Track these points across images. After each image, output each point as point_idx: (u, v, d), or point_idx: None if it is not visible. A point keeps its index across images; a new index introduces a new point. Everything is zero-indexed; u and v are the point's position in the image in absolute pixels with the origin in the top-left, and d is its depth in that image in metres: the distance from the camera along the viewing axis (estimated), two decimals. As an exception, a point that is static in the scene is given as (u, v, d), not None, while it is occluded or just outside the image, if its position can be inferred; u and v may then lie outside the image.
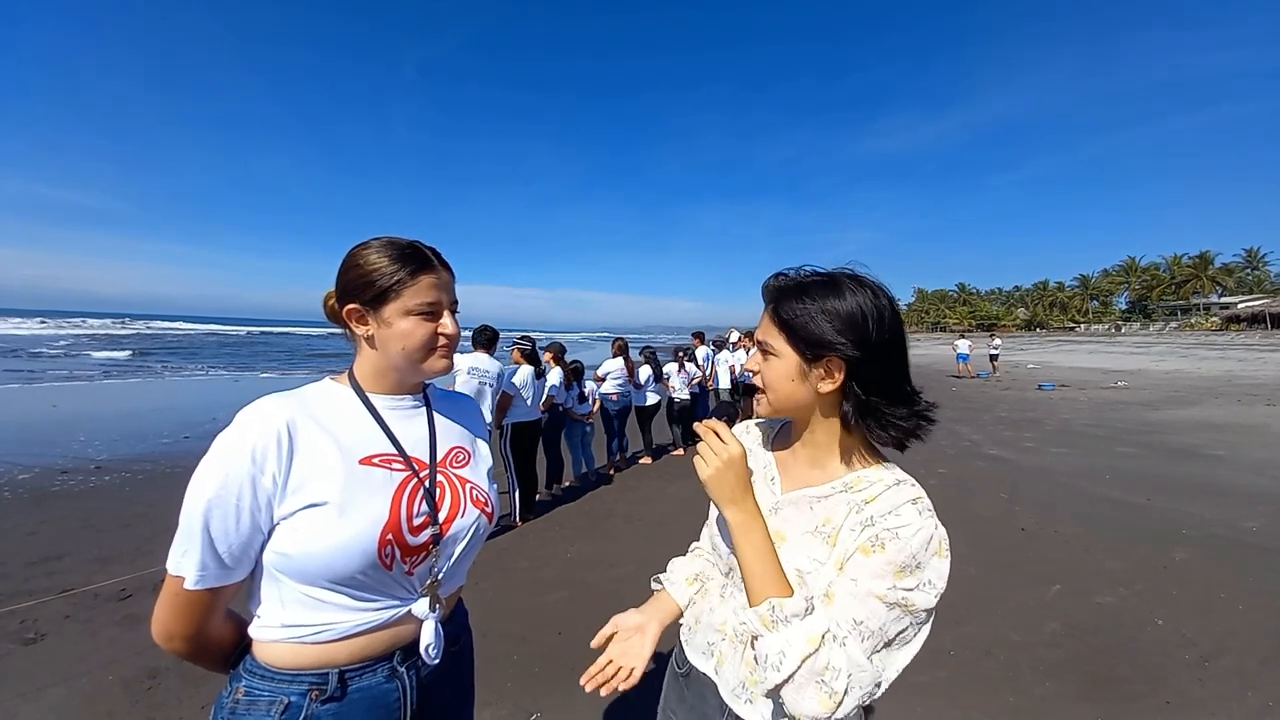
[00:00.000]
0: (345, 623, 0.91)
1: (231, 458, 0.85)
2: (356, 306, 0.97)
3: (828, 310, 0.87)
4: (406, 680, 0.98)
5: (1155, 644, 2.95)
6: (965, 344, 20.16)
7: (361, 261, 0.96)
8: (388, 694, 0.96)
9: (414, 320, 0.96)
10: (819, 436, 0.96)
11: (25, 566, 3.88)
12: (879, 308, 0.87)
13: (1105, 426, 9.45)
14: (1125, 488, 5.78)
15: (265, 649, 0.92)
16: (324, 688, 0.90)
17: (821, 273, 0.93)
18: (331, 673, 0.91)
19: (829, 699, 0.77)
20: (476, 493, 1.08)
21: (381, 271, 0.95)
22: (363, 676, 0.94)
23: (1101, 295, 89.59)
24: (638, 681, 1.05)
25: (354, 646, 0.93)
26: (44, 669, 2.74)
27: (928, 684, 2.63)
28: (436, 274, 0.99)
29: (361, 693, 0.93)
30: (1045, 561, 3.98)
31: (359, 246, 0.98)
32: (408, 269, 0.95)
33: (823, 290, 0.89)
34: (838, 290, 0.88)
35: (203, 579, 0.86)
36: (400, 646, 0.98)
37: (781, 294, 0.93)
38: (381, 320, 0.96)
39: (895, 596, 0.80)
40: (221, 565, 0.87)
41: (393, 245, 0.97)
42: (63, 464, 6.47)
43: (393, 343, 0.97)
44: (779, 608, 0.82)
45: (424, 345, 0.98)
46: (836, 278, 0.91)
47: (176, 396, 13.19)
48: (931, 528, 0.83)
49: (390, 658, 0.97)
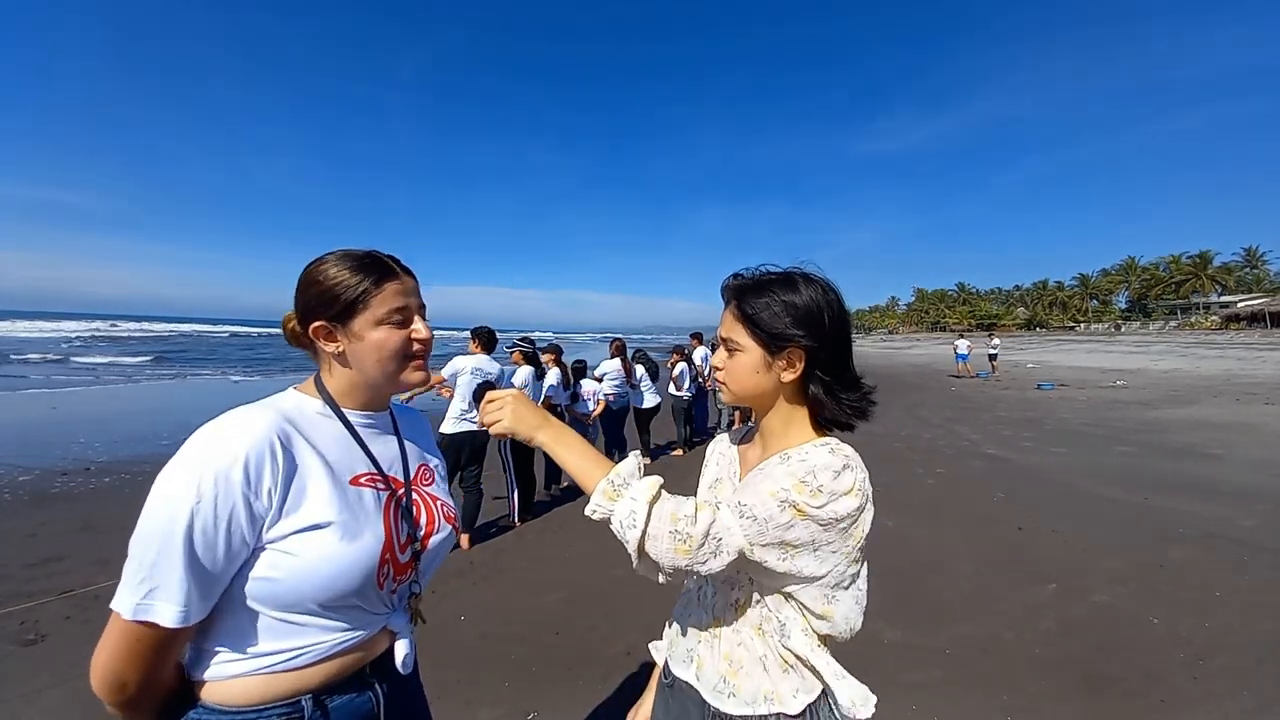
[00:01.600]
0: (324, 643, 0.88)
1: (218, 476, 0.77)
2: (323, 323, 0.92)
3: (787, 304, 0.94)
4: (378, 692, 0.96)
5: (1150, 643, 2.96)
6: (965, 344, 20.19)
7: (321, 277, 0.92)
8: (362, 707, 0.94)
9: (386, 329, 0.93)
10: (774, 424, 1.02)
11: (25, 568, 3.90)
12: (829, 302, 0.96)
13: (1104, 426, 9.46)
14: (1123, 487, 5.79)
15: (224, 687, 0.84)
16: (300, 715, 0.86)
17: (776, 271, 1.00)
18: (305, 699, 0.86)
19: (683, 543, 0.83)
20: (446, 508, 1.09)
21: (345, 284, 0.91)
22: (337, 696, 0.91)
23: (1101, 294, 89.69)
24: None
25: (330, 668, 0.89)
26: (44, 670, 2.76)
27: (923, 683, 2.64)
28: (400, 280, 0.96)
29: (339, 711, 0.90)
30: (1041, 560, 3.99)
31: (315, 262, 0.94)
32: (371, 278, 0.92)
33: (780, 287, 0.96)
34: (794, 286, 0.96)
35: (186, 617, 0.77)
36: (369, 661, 0.96)
37: (742, 292, 0.99)
38: (351, 334, 0.93)
39: (785, 496, 0.85)
40: (204, 597, 0.79)
41: (350, 256, 0.94)
42: (62, 466, 6.49)
43: (367, 356, 0.93)
44: (614, 476, 0.89)
45: (399, 353, 0.95)
46: (791, 275, 0.98)
47: (179, 398, 13.21)
48: (839, 461, 0.89)
49: (361, 672, 0.95)
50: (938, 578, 3.77)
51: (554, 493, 5.96)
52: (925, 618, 3.23)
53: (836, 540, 0.87)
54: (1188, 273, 75.95)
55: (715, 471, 1.15)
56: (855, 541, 0.89)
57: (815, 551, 0.86)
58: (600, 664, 2.84)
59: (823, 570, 0.87)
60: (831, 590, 0.90)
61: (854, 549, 0.89)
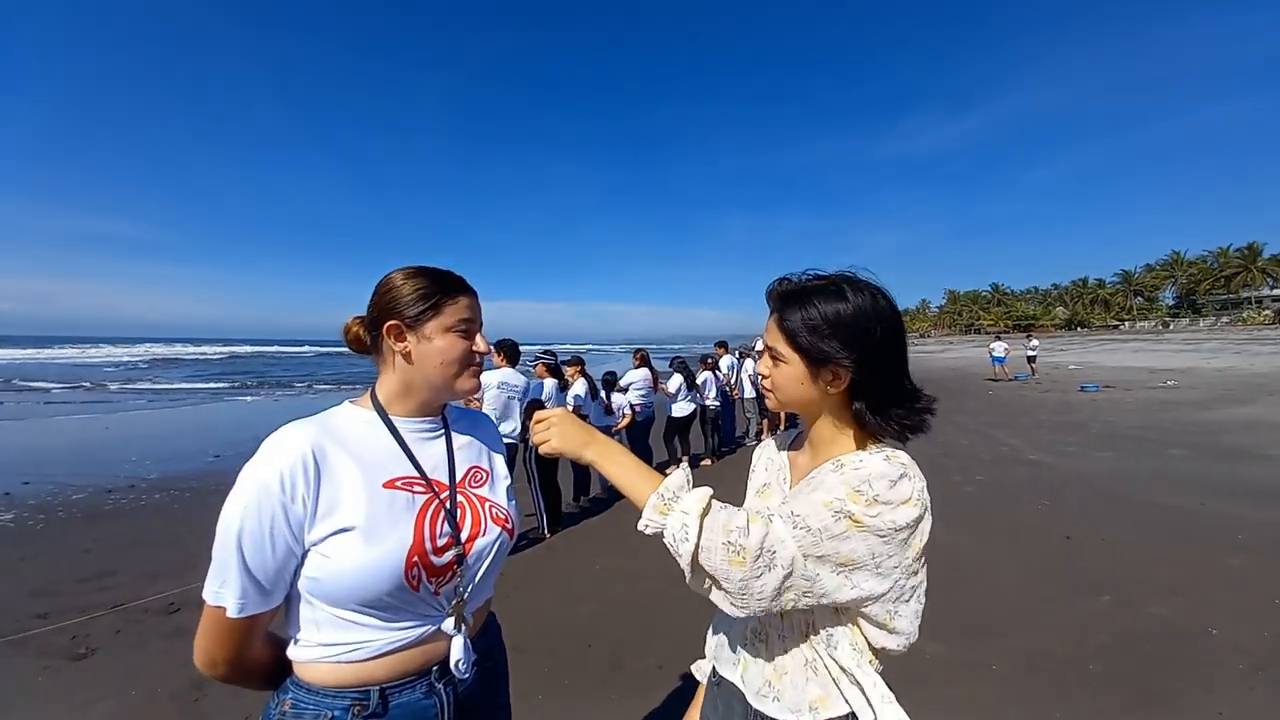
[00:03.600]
0: (377, 641, 0.94)
1: (261, 487, 0.88)
2: (397, 323, 1.01)
3: (830, 317, 0.90)
4: (444, 696, 1.00)
5: (1207, 654, 2.82)
6: (1001, 346, 19.56)
7: (402, 283, 1.03)
8: (426, 710, 0.98)
9: (453, 336, 1.03)
10: (824, 431, 0.99)
11: (77, 583, 4.05)
12: (879, 311, 0.91)
13: (1154, 428, 9.05)
14: (1176, 492, 5.53)
15: (305, 668, 0.95)
16: (366, 704, 0.93)
17: (823, 277, 0.95)
18: (373, 690, 0.93)
19: (737, 555, 0.80)
20: (496, 510, 1.10)
21: (424, 291, 1.02)
22: (402, 693, 0.96)
23: (1146, 291, 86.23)
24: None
25: (390, 664, 0.95)
26: (94, 683, 2.85)
27: (969, 698, 2.54)
28: (470, 296, 1.07)
29: (402, 709, 0.95)
30: (1092, 570, 3.82)
31: (396, 271, 1.05)
32: (446, 290, 1.03)
33: (824, 296, 0.91)
34: (840, 295, 0.91)
35: (243, 607, 0.89)
36: (435, 663, 1.00)
37: (785, 300, 0.96)
38: (422, 336, 1.01)
39: (839, 506, 0.82)
40: (261, 592, 0.90)
41: (428, 270, 1.05)
42: (114, 484, 6.76)
43: (431, 358, 1.02)
44: (664, 489, 0.87)
45: (461, 360, 1.04)
46: (838, 283, 0.93)
47: (223, 417, 13.69)
48: (896, 469, 0.85)
49: (427, 674, 0.99)
50: (980, 589, 3.64)
51: (582, 504, 5.97)
52: (968, 631, 3.11)
53: (896, 553, 0.84)
54: (1237, 265, 72.59)
55: (763, 477, 1.13)
56: (915, 553, 0.86)
57: (877, 568, 0.83)
58: (633, 678, 2.81)
59: (884, 587, 0.84)
60: (894, 605, 0.87)
61: (913, 560, 0.86)
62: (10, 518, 5.50)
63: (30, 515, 5.57)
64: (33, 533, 5.13)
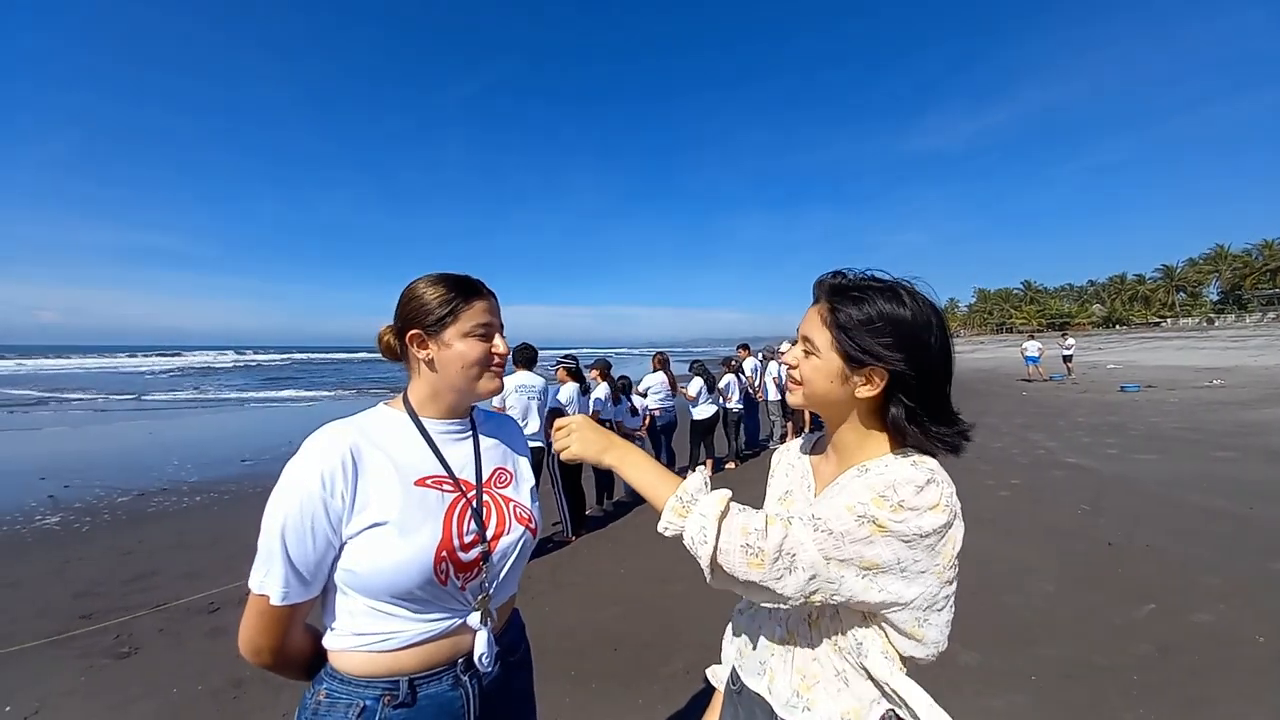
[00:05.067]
0: (409, 632, 0.98)
1: (303, 483, 0.93)
2: (418, 332, 1.06)
3: (888, 315, 0.87)
4: (469, 688, 1.04)
5: (1253, 662, 2.71)
6: (1035, 345, 19.00)
7: (420, 292, 1.07)
8: (452, 701, 1.02)
9: (471, 341, 1.06)
10: (848, 437, 0.97)
11: (121, 584, 4.20)
12: (934, 325, 0.89)
13: (1199, 430, 8.69)
14: (1223, 496, 5.30)
15: (340, 658, 1.00)
16: (395, 693, 0.97)
17: (881, 280, 0.92)
18: (402, 680, 0.98)
19: (755, 558, 0.80)
20: (520, 510, 1.14)
21: (440, 299, 1.05)
22: (430, 684, 1.00)
23: (1189, 286, 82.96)
24: None
25: (419, 654, 1.00)
26: (136, 681, 2.94)
27: (1005, 709, 2.47)
28: (487, 300, 1.10)
29: (429, 699, 1.00)
30: (1134, 578, 3.69)
31: (416, 280, 1.09)
32: (462, 296, 1.06)
33: (884, 296, 0.89)
34: (898, 298, 0.88)
35: (286, 596, 0.95)
36: (461, 656, 1.05)
37: (839, 293, 0.92)
38: (442, 343, 1.06)
39: (863, 510, 0.81)
40: (302, 582, 0.95)
41: (446, 277, 1.09)
42: (158, 487, 7.01)
43: (452, 363, 1.06)
44: (682, 492, 0.87)
45: (480, 362, 1.07)
46: (896, 288, 0.90)
47: (260, 421, 14.09)
48: (923, 475, 0.83)
49: (453, 666, 1.03)
50: (1016, 596, 3.53)
51: (606, 507, 5.98)
52: (1004, 639, 3.02)
53: (924, 558, 0.82)
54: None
55: (785, 483, 1.11)
56: (946, 560, 0.84)
57: (903, 573, 0.82)
58: (659, 681, 2.80)
59: (912, 593, 0.82)
60: (924, 613, 0.85)
61: (945, 568, 0.84)
62: (56, 520, 5.72)
63: (76, 518, 5.79)
64: (78, 535, 5.33)
